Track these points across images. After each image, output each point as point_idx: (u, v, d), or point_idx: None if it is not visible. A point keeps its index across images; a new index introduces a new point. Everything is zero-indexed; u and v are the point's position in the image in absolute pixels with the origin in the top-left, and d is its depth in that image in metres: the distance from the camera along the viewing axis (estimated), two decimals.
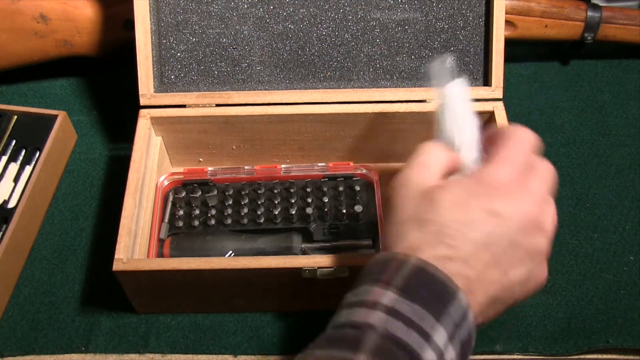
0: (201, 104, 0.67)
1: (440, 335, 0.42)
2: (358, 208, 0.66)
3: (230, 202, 0.67)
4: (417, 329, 0.41)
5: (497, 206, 0.45)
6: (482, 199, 0.45)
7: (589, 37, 0.78)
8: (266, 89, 0.68)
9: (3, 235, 0.63)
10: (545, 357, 0.61)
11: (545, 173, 0.48)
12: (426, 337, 0.41)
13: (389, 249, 0.47)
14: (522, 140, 0.49)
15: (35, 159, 0.70)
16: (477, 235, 0.45)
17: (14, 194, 0.67)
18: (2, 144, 0.71)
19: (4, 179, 0.69)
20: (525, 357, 0.61)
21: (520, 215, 0.45)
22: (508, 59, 0.69)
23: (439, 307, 0.42)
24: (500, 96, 0.67)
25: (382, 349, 0.41)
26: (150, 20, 0.66)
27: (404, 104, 0.67)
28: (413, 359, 0.41)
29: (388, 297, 0.43)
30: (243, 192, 0.68)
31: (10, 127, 0.72)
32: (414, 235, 0.46)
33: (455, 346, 0.43)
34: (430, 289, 0.43)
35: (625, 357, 0.62)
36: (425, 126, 0.68)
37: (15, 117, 0.73)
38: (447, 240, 0.44)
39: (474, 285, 0.44)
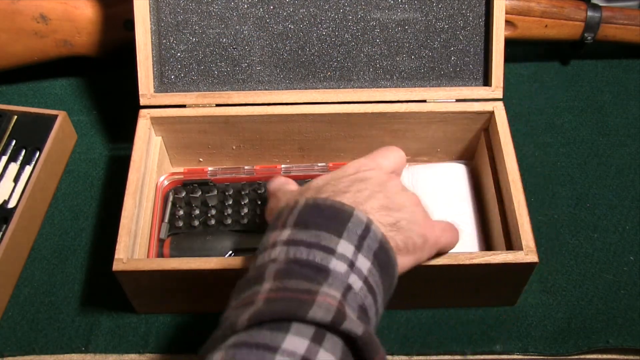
0: (201, 104, 0.67)
1: (344, 247, 0.44)
2: None
3: (230, 202, 0.67)
4: (318, 247, 0.43)
5: (357, 173, 0.51)
6: (343, 173, 0.52)
7: (589, 37, 0.78)
8: (266, 89, 0.68)
9: (3, 235, 0.63)
10: (545, 357, 0.61)
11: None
12: (330, 251, 0.43)
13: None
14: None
15: (35, 159, 0.70)
16: (357, 185, 0.49)
17: (14, 194, 0.67)
18: (2, 144, 0.71)
19: (4, 179, 0.69)
20: (525, 357, 0.61)
21: (380, 174, 0.52)
22: (508, 59, 0.69)
23: (337, 226, 0.45)
24: (500, 96, 0.67)
25: (285, 271, 0.42)
26: (150, 20, 0.66)
27: (404, 104, 0.67)
28: (320, 270, 0.42)
29: (285, 233, 0.45)
30: (243, 192, 0.68)
31: (10, 127, 0.72)
32: (299, 195, 0.50)
33: (368, 256, 0.44)
34: (324, 216, 0.45)
35: (625, 357, 0.62)
36: (425, 126, 0.68)
37: (15, 117, 0.73)
38: (329, 189, 0.48)
39: (369, 209, 0.47)
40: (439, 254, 0.54)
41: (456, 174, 0.70)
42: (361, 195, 0.48)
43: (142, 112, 0.67)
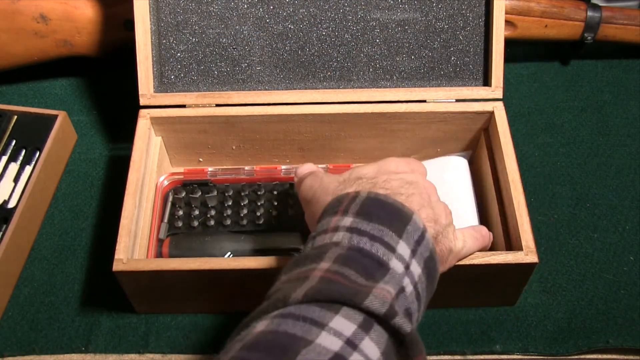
0: (201, 104, 0.67)
1: (403, 249, 0.44)
2: None
3: (230, 203, 0.67)
4: (381, 242, 0.44)
5: (401, 173, 0.52)
6: (392, 160, 0.53)
7: (589, 37, 0.78)
8: (266, 89, 0.68)
9: (3, 235, 0.63)
10: (545, 357, 0.61)
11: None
12: (391, 249, 0.44)
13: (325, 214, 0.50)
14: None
15: (35, 159, 0.70)
16: (406, 187, 0.50)
17: (14, 194, 0.67)
18: (2, 144, 0.71)
19: (4, 179, 0.69)
20: (525, 357, 0.61)
21: (421, 179, 0.52)
22: (508, 59, 0.69)
23: (398, 225, 0.45)
24: (500, 96, 0.67)
25: (347, 257, 0.42)
26: (150, 20, 0.66)
27: (404, 104, 0.67)
28: (381, 265, 0.43)
29: (347, 220, 0.45)
30: (243, 193, 0.68)
31: (10, 127, 0.72)
32: (355, 187, 0.50)
33: (419, 262, 0.45)
34: (386, 212, 0.45)
35: (625, 357, 0.62)
36: (425, 126, 0.68)
37: (15, 117, 0.73)
38: (384, 186, 0.49)
39: (422, 217, 0.48)
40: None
41: (457, 167, 0.69)
42: (413, 201, 0.48)
43: (142, 112, 0.67)
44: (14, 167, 0.70)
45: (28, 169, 0.69)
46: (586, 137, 0.77)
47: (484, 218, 0.67)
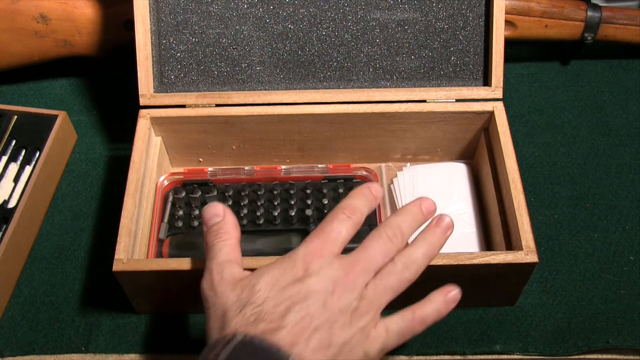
0: (201, 104, 0.67)
1: None
2: None
3: (230, 203, 0.67)
4: None
5: (304, 277, 0.47)
6: (290, 273, 0.48)
7: (589, 37, 0.78)
8: (266, 89, 0.68)
9: (3, 235, 0.63)
10: (545, 357, 0.61)
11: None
12: None
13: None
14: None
15: (35, 159, 0.70)
16: (297, 309, 0.46)
17: (14, 194, 0.67)
18: (2, 144, 0.71)
19: (4, 179, 0.69)
20: (525, 357, 0.61)
21: (326, 279, 0.47)
22: (508, 59, 0.69)
23: None
24: (500, 96, 0.67)
25: None
26: (150, 20, 0.66)
27: (404, 104, 0.67)
28: None
29: None
30: (243, 193, 0.68)
31: (10, 127, 0.72)
32: (236, 321, 0.46)
33: None
34: (258, 359, 0.43)
35: (625, 357, 0.62)
36: (425, 126, 0.68)
37: (15, 117, 0.73)
38: (268, 318, 0.45)
39: (305, 352, 0.45)
40: None
41: (457, 173, 0.70)
42: (300, 330, 0.45)
43: (142, 112, 0.67)
44: (14, 167, 0.70)
45: (28, 169, 0.69)
46: (586, 137, 0.77)
47: (484, 218, 0.67)
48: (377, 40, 0.68)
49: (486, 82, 0.68)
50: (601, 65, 0.84)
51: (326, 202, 0.66)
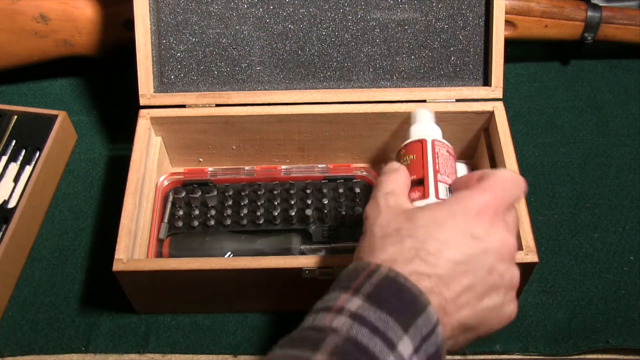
0: (201, 104, 0.67)
1: (405, 346, 0.41)
2: (358, 210, 0.66)
3: (230, 203, 0.67)
4: (382, 336, 0.41)
5: (476, 231, 0.45)
6: (462, 221, 0.45)
7: (589, 37, 0.78)
8: (266, 89, 0.68)
9: (3, 235, 0.63)
10: (545, 357, 0.61)
11: (516, 220, 0.49)
12: (391, 346, 0.41)
13: (361, 261, 0.46)
14: (509, 181, 0.48)
15: (35, 159, 0.70)
16: (457, 256, 0.44)
17: (14, 194, 0.67)
18: (2, 144, 0.71)
19: (4, 179, 0.69)
20: (525, 357, 0.61)
21: (500, 243, 0.45)
22: (508, 59, 0.69)
23: (407, 317, 0.41)
24: (500, 96, 0.67)
25: (342, 351, 0.40)
26: (150, 20, 0.66)
27: (404, 104, 0.67)
28: None
29: (355, 303, 0.42)
30: (243, 193, 0.68)
31: (10, 127, 0.72)
32: (390, 250, 0.45)
33: (421, 358, 0.42)
34: (399, 299, 0.42)
35: (625, 357, 0.62)
36: None
37: (15, 117, 0.73)
38: (424, 257, 0.44)
39: (448, 305, 0.44)
40: None
41: (458, 174, 0.70)
42: (458, 297, 0.44)
43: (142, 112, 0.67)
44: (14, 167, 0.70)
45: (28, 169, 0.69)
46: (586, 137, 0.77)
47: None
48: (377, 40, 0.68)
49: (486, 82, 0.68)
50: (601, 65, 0.84)
51: (326, 202, 0.66)
